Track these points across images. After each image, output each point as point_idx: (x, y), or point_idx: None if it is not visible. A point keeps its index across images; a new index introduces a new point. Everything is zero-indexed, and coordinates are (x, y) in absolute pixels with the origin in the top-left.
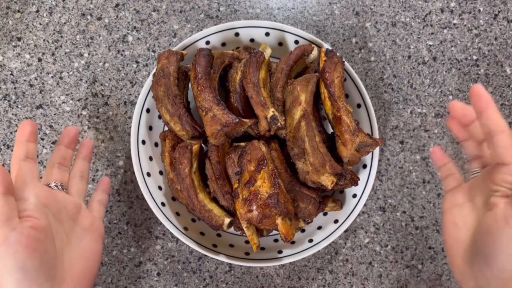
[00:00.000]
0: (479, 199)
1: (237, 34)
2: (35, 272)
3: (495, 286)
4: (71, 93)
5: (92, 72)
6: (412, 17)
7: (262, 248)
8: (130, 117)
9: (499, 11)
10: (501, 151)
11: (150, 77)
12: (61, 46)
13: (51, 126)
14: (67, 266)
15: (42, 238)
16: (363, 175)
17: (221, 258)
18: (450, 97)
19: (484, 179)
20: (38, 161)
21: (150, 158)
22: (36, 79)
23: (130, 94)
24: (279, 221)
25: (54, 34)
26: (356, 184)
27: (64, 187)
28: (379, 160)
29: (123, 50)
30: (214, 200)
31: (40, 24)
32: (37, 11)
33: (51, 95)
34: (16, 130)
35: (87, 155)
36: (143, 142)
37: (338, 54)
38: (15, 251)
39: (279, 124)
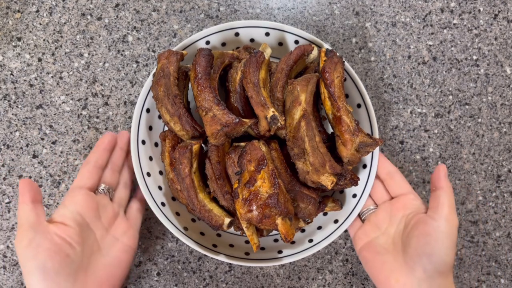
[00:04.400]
0: (391, 227)
1: (237, 34)
2: (55, 273)
3: (436, 283)
4: (71, 93)
5: (92, 72)
6: (412, 17)
7: (262, 248)
8: (130, 117)
9: (499, 11)
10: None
11: (150, 77)
12: (61, 46)
13: (51, 126)
14: (91, 271)
15: (65, 244)
16: (363, 175)
17: (221, 258)
18: (450, 97)
19: (389, 211)
20: (38, 162)
21: (150, 158)
22: (36, 79)
23: (130, 94)
24: (279, 221)
25: (54, 34)
26: (356, 184)
27: (112, 191)
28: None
29: (123, 50)
30: (214, 200)
31: (40, 24)
32: (37, 11)
33: (51, 95)
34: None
35: (130, 165)
36: (143, 142)
37: (338, 54)
38: (37, 253)
39: (279, 124)
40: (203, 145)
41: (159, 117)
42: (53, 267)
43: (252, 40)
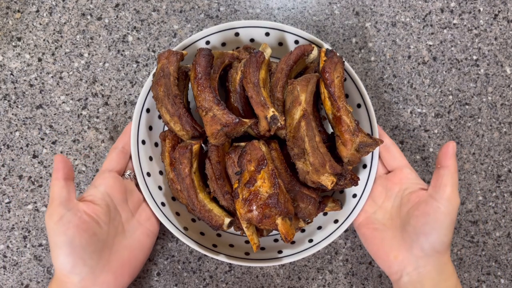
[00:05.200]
0: (387, 201)
1: (237, 34)
2: (82, 249)
3: (433, 259)
4: (71, 93)
5: (92, 72)
6: (412, 17)
7: (262, 248)
8: (130, 117)
9: (499, 11)
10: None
11: (150, 77)
12: (61, 46)
13: (51, 126)
14: (115, 251)
15: (93, 222)
16: (363, 175)
17: (221, 258)
18: (450, 97)
19: (385, 186)
20: (38, 162)
21: (150, 158)
22: (36, 79)
23: (130, 94)
24: (279, 221)
25: (54, 34)
26: (356, 184)
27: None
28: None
29: (123, 50)
30: (214, 200)
31: (40, 24)
32: (37, 11)
33: (51, 95)
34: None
35: None
36: (143, 142)
37: (338, 54)
38: (67, 228)
39: (279, 124)
40: (203, 145)
41: (159, 117)
42: (80, 244)
43: (252, 40)
